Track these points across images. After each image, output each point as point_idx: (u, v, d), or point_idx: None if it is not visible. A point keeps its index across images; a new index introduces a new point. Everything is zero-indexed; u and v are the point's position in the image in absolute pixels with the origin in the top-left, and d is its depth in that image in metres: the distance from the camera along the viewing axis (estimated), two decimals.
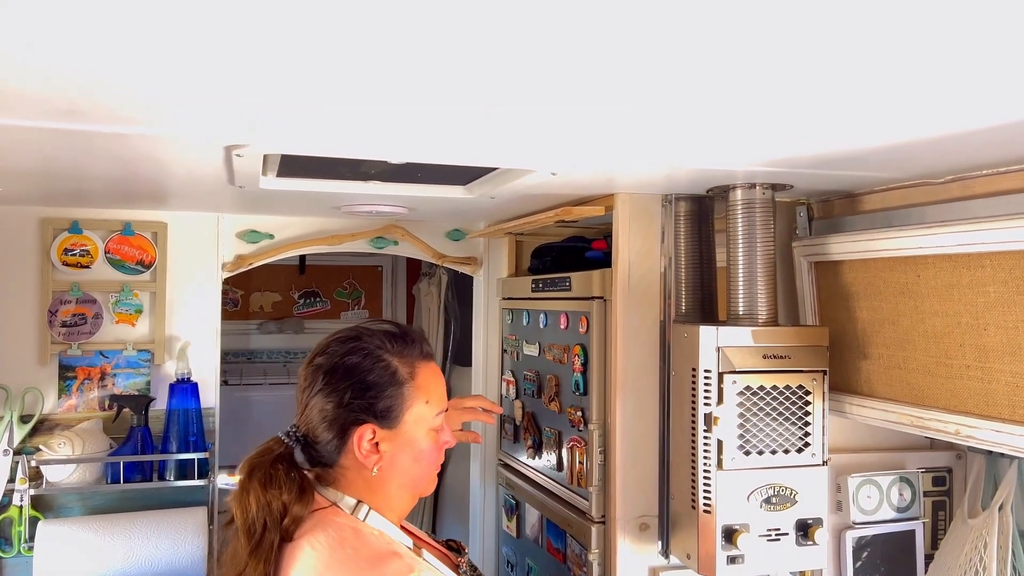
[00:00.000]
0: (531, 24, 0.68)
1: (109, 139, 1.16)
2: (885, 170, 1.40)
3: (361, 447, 1.22)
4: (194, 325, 2.30)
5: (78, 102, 0.94)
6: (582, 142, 1.19)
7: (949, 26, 0.68)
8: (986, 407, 1.33)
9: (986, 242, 1.29)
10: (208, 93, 0.91)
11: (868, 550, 1.80)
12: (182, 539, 2.10)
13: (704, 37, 0.71)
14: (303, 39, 0.72)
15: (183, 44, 0.73)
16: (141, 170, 1.49)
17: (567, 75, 0.83)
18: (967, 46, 0.73)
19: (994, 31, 0.69)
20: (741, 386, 1.50)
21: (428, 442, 1.27)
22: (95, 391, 2.21)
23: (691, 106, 0.96)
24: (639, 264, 1.69)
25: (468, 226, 2.58)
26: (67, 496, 2.16)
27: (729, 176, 1.50)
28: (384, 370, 1.23)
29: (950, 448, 1.87)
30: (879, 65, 0.79)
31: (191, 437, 2.20)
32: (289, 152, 1.29)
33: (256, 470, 1.21)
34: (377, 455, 1.23)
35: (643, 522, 1.68)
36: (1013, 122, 1.01)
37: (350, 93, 0.91)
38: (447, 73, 0.83)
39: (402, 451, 1.25)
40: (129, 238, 2.21)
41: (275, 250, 2.40)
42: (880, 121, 1.03)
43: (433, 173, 1.63)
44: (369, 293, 4.38)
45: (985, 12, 0.64)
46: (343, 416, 1.22)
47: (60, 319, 2.15)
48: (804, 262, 1.71)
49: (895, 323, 1.51)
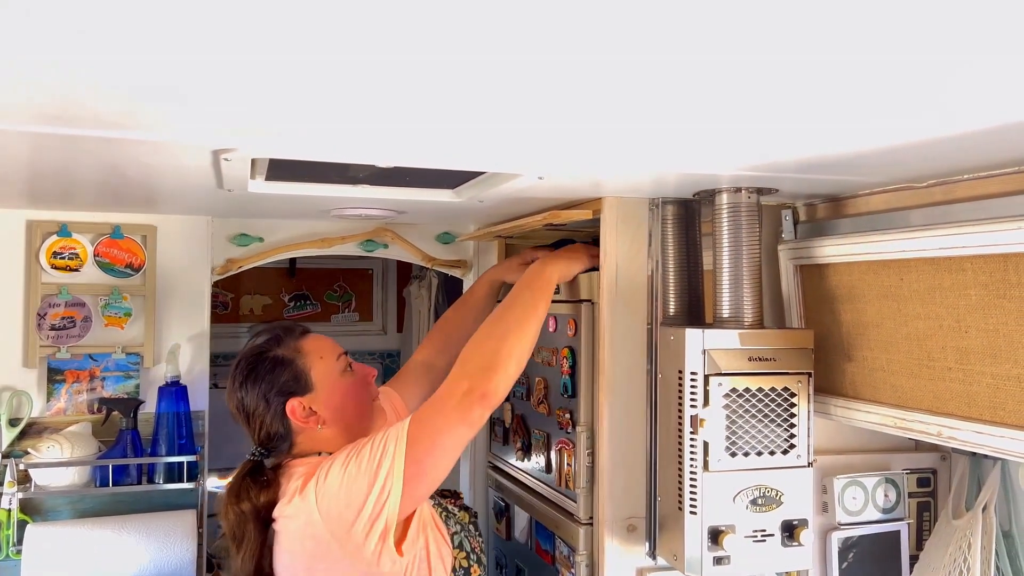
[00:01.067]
0: (518, 32, 0.69)
1: (97, 143, 1.17)
2: (869, 174, 1.41)
3: (298, 416, 1.48)
4: (184, 328, 2.30)
5: (66, 107, 0.95)
6: (569, 147, 1.20)
7: (931, 33, 0.69)
8: (968, 409, 1.34)
9: (967, 246, 1.30)
10: (195, 98, 0.91)
11: (853, 551, 1.81)
12: (171, 542, 2.10)
13: (690, 44, 0.72)
14: (292, 47, 0.72)
15: (170, 50, 0.74)
16: (130, 174, 1.49)
17: (553, 82, 0.84)
18: (948, 53, 0.74)
19: (974, 39, 0.70)
20: (727, 388, 1.51)
21: (344, 382, 1.54)
22: (84, 394, 2.21)
23: (677, 112, 0.97)
24: (627, 267, 1.70)
25: (458, 229, 2.59)
26: (56, 499, 2.16)
27: (715, 180, 1.51)
28: (275, 362, 1.50)
29: (934, 449, 1.89)
30: (862, 71, 0.80)
31: (180, 440, 2.20)
32: (277, 157, 1.30)
33: (231, 491, 1.47)
34: (314, 415, 1.49)
35: (630, 523, 1.69)
36: (994, 127, 1.02)
37: (338, 101, 0.91)
38: (435, 82, 0.84)
39: (330, 401, 1.50)
40: (118, 241, 2.21)
41: (265, 253, 2.40)
42: (863, 126, 1.04)
43: (422, 177, 1.64)
44: (359, 296, 4.38)
45: (964, 21, 0.66)
46: (273, 407, 1.48)
47: (49, 322, 2.15)
48: (789, 265, 1.73)
49: (879, 326, 1.53)
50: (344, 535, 1.33)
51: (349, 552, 1.34)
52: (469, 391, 1.37)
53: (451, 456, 1.38)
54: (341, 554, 1.35)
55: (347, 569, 1.36)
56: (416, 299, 3.65)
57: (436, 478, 1.39)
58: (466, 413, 1.36)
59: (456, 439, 1.37)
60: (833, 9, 0.63)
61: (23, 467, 2.07)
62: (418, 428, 1.36)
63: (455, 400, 1.37)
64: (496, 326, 1.51)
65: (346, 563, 1.35)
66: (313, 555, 1.37)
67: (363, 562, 1.34)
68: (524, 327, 1.50)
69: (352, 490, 1.33)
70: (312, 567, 1.38)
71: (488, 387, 1.38)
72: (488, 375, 1.40)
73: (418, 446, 1.34)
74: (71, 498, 2.16)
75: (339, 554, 1.35)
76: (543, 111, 0.97)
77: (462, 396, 1.37)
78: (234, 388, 1.53)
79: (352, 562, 1.35)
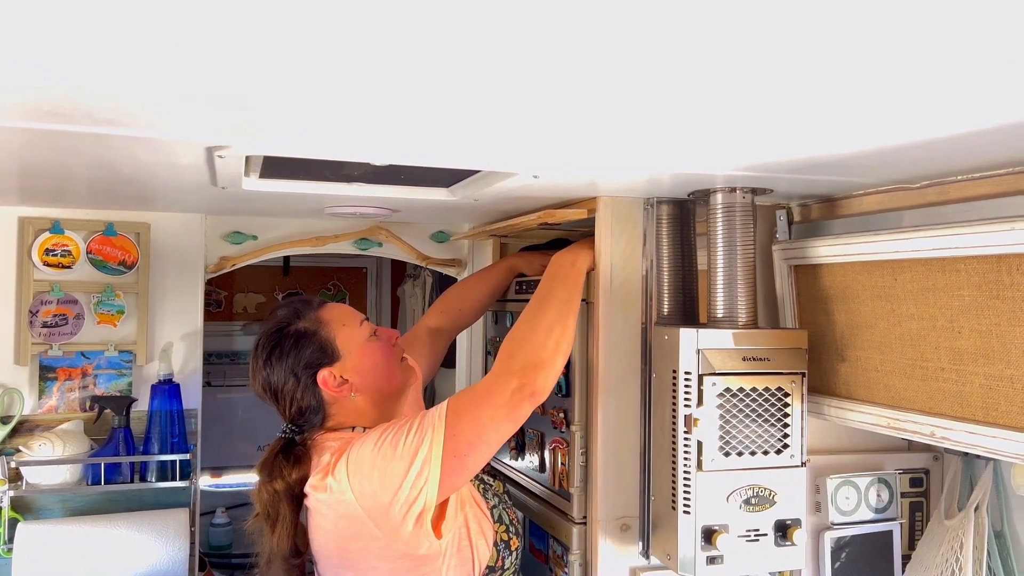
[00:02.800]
0: (514, 31, 0.69)
1: (90, 140, 1.16)
2: (863, 175, 1.42)
3: (330, 387, 1.48)
4: (177, 326, 2.29)
5: (59, 104, 0.94)
6: (564, 146, 1.20)
7: (924, 36, 0.69)
8: (960, 409, 1.35)
9: (961, 246, 1.31)
10: (189, 95, 0.91)
11: (846, 551, 1.82)
12: (164, 541, 2.09)
13: (685, 44, 0.72)
14: (285, 41, 0.72)
15: (164, 47, 0.73)
16: (123, 171, 1.48)
17: (549, 80, 0.84)
18: (941, 55, 0.74)
19: (967, 41, 0.70)
20: (721, 388, 1.51)
21: (371, 346, 1.54)
22: (76, 392, 2.20)
23: (672, 111, 0.97)
24: (621, 267, 1.70)
25: (453, 228, 2.59)
26: (47, 497, 2.14)
27: (710, 180, 1.52)
28: (298, 335, 1.50)
29: (927, 450, 1.89)
30: (857, 72, 0.80)
31: (173, 438, 2.19)
32: (271, 154, 1.29)
33: (263, 468, 1.47)
34: (346, 383, 1.49)
35: (624, 523, 1.69)
36: (988, 128, 1.02)
37: (333, 99, 0.91)
38: (430, 81, 0.83)
39: (360, 366, 1.51)
40: (112, 238, 2.20)
41: (259, 251, 2.40)
42: (858, 127, 1.05)
43: (416, 175, 1.63)
44: (353, 294, 4.37)
45: (958, 23, 0.66)
46: (304, 381, 1.48)
47: (41, 319, 2.14)
48: (784, 265, 1.73)
49: (872, 326, 1.53)
50: (380, 515, 1.33)
51: (386, 532, 1.34)
52: (519, 388, 1.37)
53: (493, 450, 1.39)
54: (377, 533, 1.34)
55: (382, 550, 1.36)
56: (410, 298, 3.64)
57: (475, 469, 1.39)
58: (514, 411, 1.37)
59: (501, 435, 1.38)
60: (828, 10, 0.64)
61: (14, 465, 2.06)
62: (460, 421, 1.35)
63: (504, 398, 1.36)
64: (539, 320, 1.50)
65: (382, 542, 1.35)
66: (346, 535, 1.37)
67: (401, 542, 1.34)
68: (566, 321, 1.51)
69: (387, 471, 1.32)
70: (346, 546, 1.39)
71: (537, 384, 1.38)
72: (537, 372, 1.40)
73: (460, 439, 1.33)
74: (63, 496, 2.15)
75: (375, 533, 1.34)
76: (539, 109, 0.97)
77: (511, 394, 1.37)
78: (258, 367, 1.51)
79: (388, 542, 1.35)
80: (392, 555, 1.36)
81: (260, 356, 1.51)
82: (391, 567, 1.37)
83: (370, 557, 1.37)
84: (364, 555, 1.37)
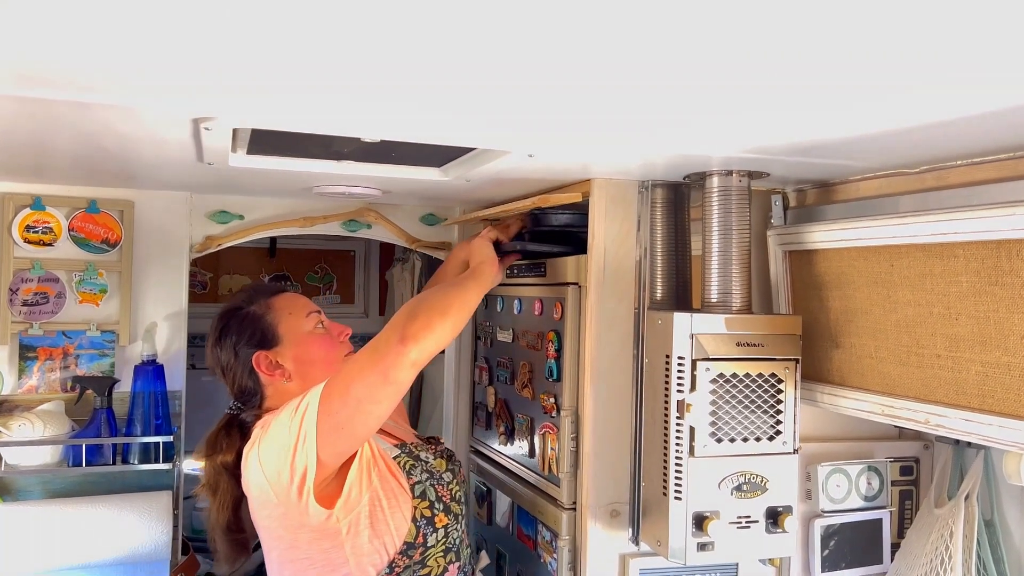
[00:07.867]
0: (509, 5, 0.66)
1: (70, 108, 1.12)
2: (861, 159, 1.40)
3: (263, 369, 1.54)
4: (161, 306, 2.26)
5: (35, 67, 0.91)
6: (559, 123, 1.17)
7: (923, 18, 0.67)
8: (956, 396, 1.33)
9: (959, 232, 1.29)
10: (172, 59, 0.87)
11: (835, 538, 1.81)
12: (146, 523, 2.06)
13: (682, 23, 0.70)
14: (273, 4, 0.69)
15: (145, 6, 0.70)
16: (106, 144, 1.44)
17: (545, 56, 0.81)
18: (940, 37, 0.72)
19: (965, 23, 0.68)
20: (714, 373, 1.50)
21: (311, 337, 1.58)
22: (57, 372, 2.16)
23: (668, 91, 0.95)
24: (615, 251, 1.68)
25: (443, 211, 2.56)
26: (27, 479, 2.11)
27: (706, 162, 1.49)
28: (246, 316, 1.58)
29: (918, 438, 1.89)
30: (855, 54, 0.78)
31: (156, 420, 2.15)
32: (259, 126, 1.26)
33: (208, 442, 1.56)
34: (280, 369, 1.55)
35: (614, 509, 1.68)
36: (987, 112, 1.01)
37: (322, 63, 0.88)
38: (424, 52, 0.81)
39: (297, 355, 1.56)
40: (94, 216, 2.16)
41: (245, 231, 2.36)
42: (856, 110, 1.03)
43: (408, 154, 1.60)
44: (341, 278, 4.33)
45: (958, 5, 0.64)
46: (242, 359, 1.55)
47: (21, 298, 2.10)
48: (779, 251, 1.71)
49: (868, 312, 1.51)
50: (277, 485, 1.37)
51: (282, 501, 1.38)
52: (386, 340, 1.34)
53: (367, 408, 1.33)
54: (276, 502, 1.39)
55: (282, 518, 1.41)
56: (399, 282, 3.61)
57: (355, 432, 1.36)
58: (379, 361, 1.32)
59: (367, 389, 1.32)
60: None
61: None
62: (333, 382, 1.35)
63: (378, 355, 1.34)
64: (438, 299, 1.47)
65: (281, 510, 1.40)
66: (261, 502, 1.43)
67: (294, 511, 1.38)
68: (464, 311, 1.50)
69: (281, 441, 1.37)
70: (262, 515, 1.45)
71: (407, 332, 1.32)
72: (410, 323, 1.34)
73: (333, 400, 1.34)
74: (43, 478, 2.11)
75: (275, 501, 1.39)
76: (534, 85, 0.94)
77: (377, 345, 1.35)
78: (211, 344, 1.61)
79: (284, 511, 1.39)
80: (291, 525, 1.40)
81: (213, 333, 1.61)
82: (292, 537, 1.42)
83: (275, 526, 1.43)
84: (272, 523, 1.44)
